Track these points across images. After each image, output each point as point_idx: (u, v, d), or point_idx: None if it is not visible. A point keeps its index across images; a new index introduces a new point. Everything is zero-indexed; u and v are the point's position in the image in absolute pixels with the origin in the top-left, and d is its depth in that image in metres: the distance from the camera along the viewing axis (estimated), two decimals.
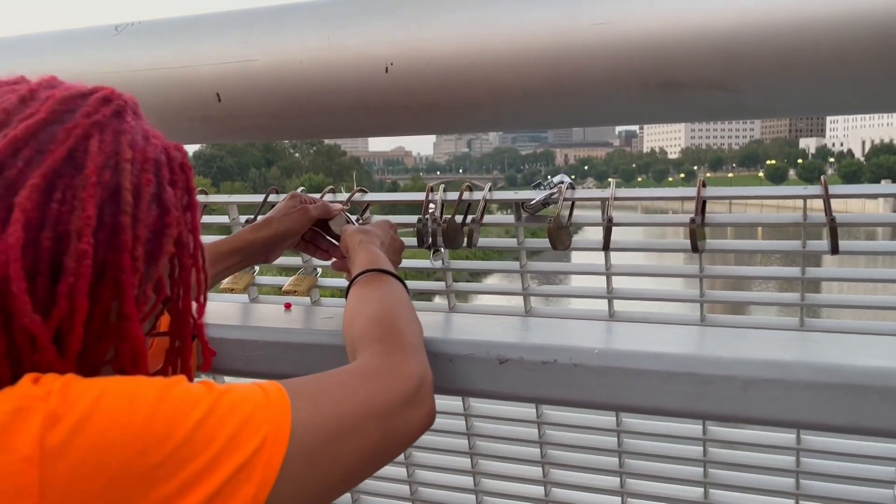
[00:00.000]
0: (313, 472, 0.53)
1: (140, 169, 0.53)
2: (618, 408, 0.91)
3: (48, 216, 0.48)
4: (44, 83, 0.55)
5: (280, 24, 0.89)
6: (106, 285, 0.51)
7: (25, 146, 0.49)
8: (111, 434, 0.44)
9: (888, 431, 0.75)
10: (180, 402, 0.48)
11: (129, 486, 0.44)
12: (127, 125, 0.55)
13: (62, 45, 1.06)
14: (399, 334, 0.71)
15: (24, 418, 0.43)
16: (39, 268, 0.48)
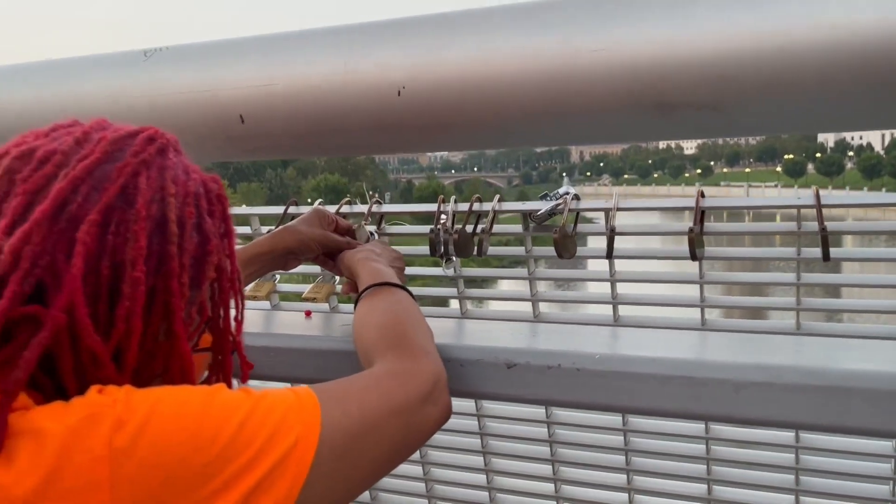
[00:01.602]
0: (341, 466, 0.58)
1: (183, 202, 0.59)
2: (618, 409, 0.96)
3: (106, 248, 0.54)
4: (95, 125, 0.61)
5: (299, 51, 0.95)
6: (157, 308, 0.57)
7: (83, 184, 0.55)
8: (168, 436, 0.50)
9: (870, 431, 0.80)
10: (223, 407, 0.54)
11: (184, 481, 0.50)
12: (170, 162, 0.61)
13: (95, 69, 1.13)
14: (410, 339, 0.77)
15: (95, 423, 0.49)
16: (100, 294, 0.54)
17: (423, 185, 60.07)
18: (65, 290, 0.52)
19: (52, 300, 0.53)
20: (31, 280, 0.52)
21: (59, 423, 0.50)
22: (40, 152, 0.57)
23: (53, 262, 0.53)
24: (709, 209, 1.02)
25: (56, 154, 0.56)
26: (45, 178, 0.55)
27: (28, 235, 0.52)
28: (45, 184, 0.55)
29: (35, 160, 0.56)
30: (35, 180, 0.55)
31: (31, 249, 0.52)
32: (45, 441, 0.49)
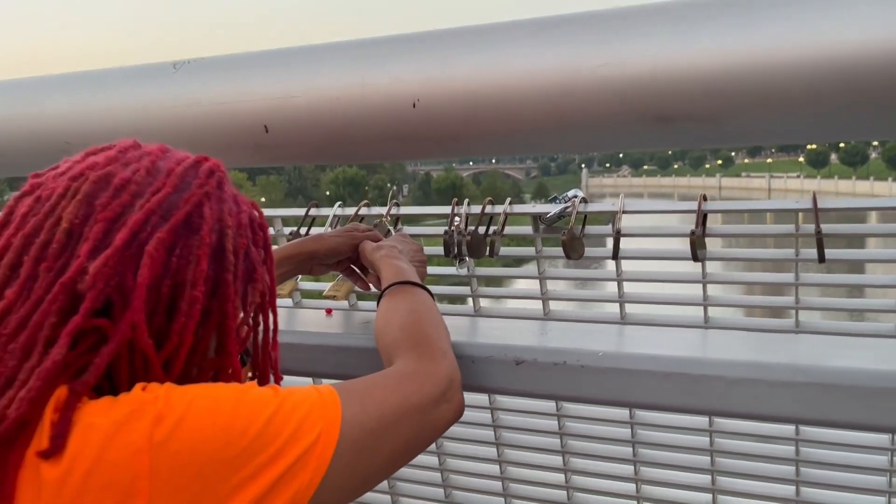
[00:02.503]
0: (359, 460, 0.64)
1: (236, 233, 0.65)
2: (620, 404, 1.01)
3: (169, 269, 0.60)
4: (159, 153, 0.67)
5: (320, 64, 1.00)
6: (209, 327, 0.63)
7: (154, 214, 0.61)
8: (202, 430, 0.56)
9: (855, 425, 0.84)
10: (253, 404, 0.59)
11: (217, 471, 0.55)
12: (226, 194, 0.67)
13: (126, 80, 1.19)
14: (429, 340, 0.82)
15: (138, 418, 0.55)
16: (157, 309, 0.60)
17: (441, 178, 60.13)
18: (132, 308, 0.58)
19: (117, 315, 0.59)
20: (102, 297, 0.58)
21: (106, 417, 0.55)
22: (116, 180, 0.62)
23: (122, 282, 0.59)
24: (711, 212, 1.07)
25: (131, 184, 0.62)
26: (121, 207, 0.61)
27: (108, 260, 0.58)
28: (122, 212, 0.61)
29: (112, 188, 0.62)
30: (113, 208, 0.61)
31: (107, 272, 0.58)
32: (92, 435, 0.54)
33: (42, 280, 0.59)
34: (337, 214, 1.30)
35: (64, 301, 0.58)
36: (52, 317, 0.58)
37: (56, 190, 0.63)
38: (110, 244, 0.59)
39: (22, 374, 0.56)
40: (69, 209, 0.61)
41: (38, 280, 0.59)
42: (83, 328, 0.58)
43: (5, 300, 0.59)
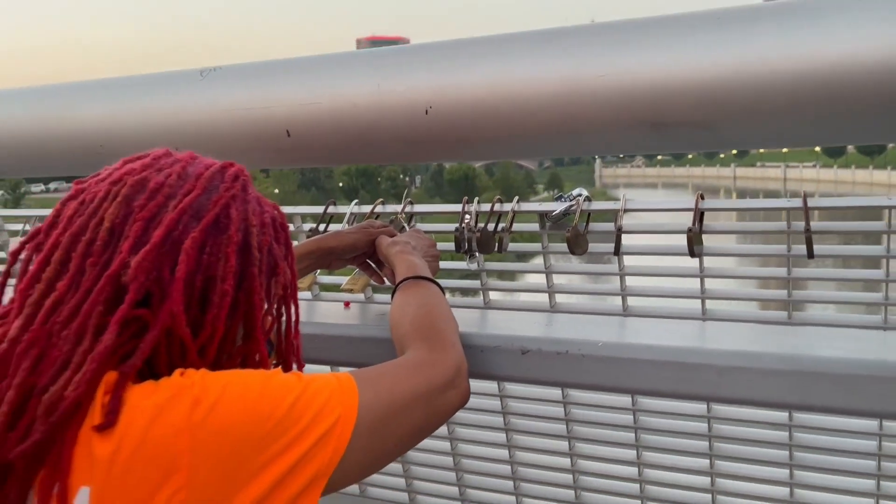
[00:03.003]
0: (374, 441, 0.71)
1: (260, 231, 0.72)
2: (618, 390, 1.07)
3: (201, 265, 0.67)
4: (189, 159, 0.74)
5: (339, 73, 1.07)
6: (238, 317, 0.70)
7: (185, 214, 0.68)
8: (234, 413, 0.63)
9: (842, 410, 0.91)
10: (278, 389, 0.66)
11: (247, 449, 0.62)
12: (250, 196, 0.74)
13: (155, 86, 1.26)
14: (439, 332, 0.89)
15: (178, 401, 0.62)
16: (192, 300, 0.67)
17: (454, 169, 60.01)
18: (171, 298, 0.65)
19: (156, 306, 0.66)
20: (143, 289, 0.66)
21: (149, 400, 0.62)
22: (152, 183, 0.69)
23: (160, 275, 0.66)
24: (708, 210, 1.13)
25: (164, 187, 0.69)
26: (157, 208, 0.68)
27: (148, 255, 0.66)
28: (157, 212, 0.68)
29: (148, 190, 0.69)
30: (150, 209, 0.68)
31: (146, 266, 0.66)
32: (138, 416, 0.61)
33: (89, 274, 0.67)
34: (353, 212, 1.37)
35: (110, 292, 0.65)
36: (99, 306, 0.65)
37: (98, 194, 0.70)
38: (148, 241, 0.67)
39: (76, 358, 0.63)
40: (110, 210, 0.69)
41: (86, 274, 0.67)
42: (128, 317, 0.65)
43: (57, 292, 0.66)
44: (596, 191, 73.72)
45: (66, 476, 0.59)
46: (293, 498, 0.63)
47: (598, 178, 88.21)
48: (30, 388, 0.62)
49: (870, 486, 1.20)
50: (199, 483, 0.59)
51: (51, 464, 0.59)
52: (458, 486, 1.53)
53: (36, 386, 0.62)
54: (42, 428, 0.60)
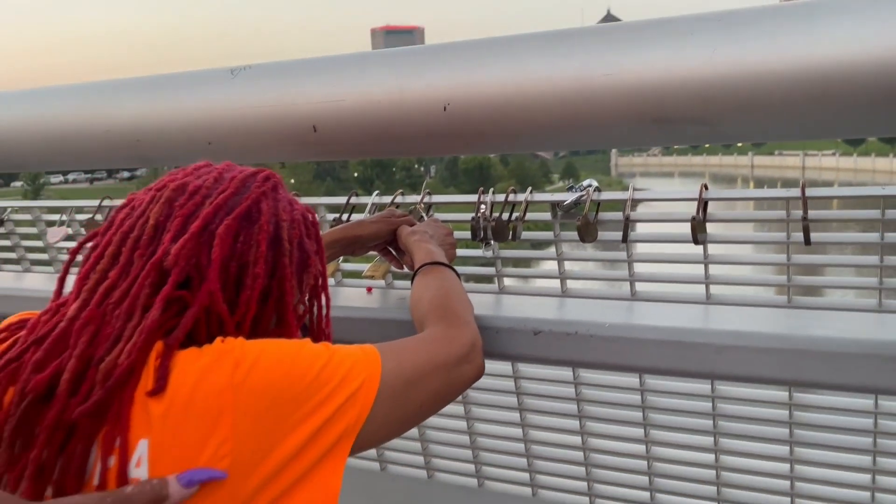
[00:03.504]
0: (396, 405, 0.78)
1: (290, 226, 0.80)
2: (623, 368, 1.14)
3: (234, 253, 0.75)
4: (226, 167, 0.82)
5: (362, 71, 1.14)
6: (271, 303, 0.78)
7: (221, 209, 0.76)
8: (270, 374, 0.70)
9: (838, 386, 0.97)
10: (309, 355, 0.73)
11: (283, 406, 0.70)
12: (280, 196, 0.81)
13: (189, 84, 1.33)
14: (454, 312, 0.96)
15: (221, 364, 0.69)
16: (228, 284, 0.75)
17: (469, 158, 59.91)
18: (208, 280, 0.73)
19: (195, 288, 0.74)
20: (184, 274, 0.73)
21: (195, 364, 0.70)
22: (191, 186, 0.78)
23: (198, 262, 0.74)
24: (712, 200, 1.19)
25: (202, 188, 0.77)
26: (195, 206, 0.76)
27: (186, 243, 0.73)
28: (195, 210, 0.76)
29: (188, 192, 0.77)
30: (188, 207, 0.76)
31: (185, 253, 0.73)
32: (186, 377, 0.69)
33: (137, 263, 0.75)
34: (374, 202, 1.45)
35: (154, 277, 0.73)
36: (146, 289, 0.73)
37: (145, 199, 0.79)
38: (187, 232, 0.75)
39: (127, 332, 0.71)
40: (155, 210, 0.77)
41: (134, 264, 0.75)
42: (171, 297, 0.72)
43: (109, 279, 0.74)
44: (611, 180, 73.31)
45: (126, 430, 0.67)
46: (325, 451, 0.70)
47: (613, 167, 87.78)
48: (88, 359, 0.70)
49: (866, 462, 1.26)
50: (241, 435, 0.67)
51: (111, 421, 0.67)
52: (475, 463, 1.61)
53: (93, 357, 0.70)
54: (100, 391, 0.67)
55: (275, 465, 0.68)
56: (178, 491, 0.64)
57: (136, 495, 0.64)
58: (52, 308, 0.75)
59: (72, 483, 0.67)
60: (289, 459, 0.68)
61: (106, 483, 0.66)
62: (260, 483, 0.67)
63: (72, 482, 0.67)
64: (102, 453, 0.67)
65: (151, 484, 0.64)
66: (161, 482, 0.64)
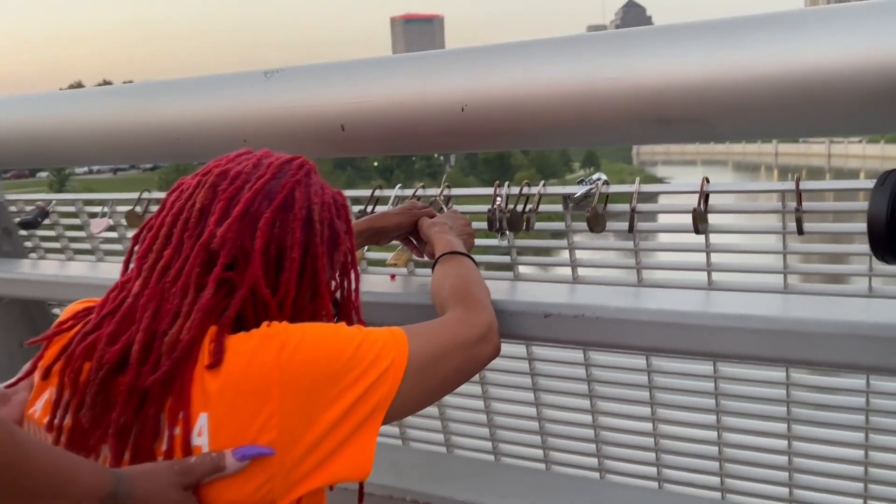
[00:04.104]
0: (421, 380, 0.87)
1: (321, 208, 0.88)
2: (628, 347, 1.23)
3: (273, 238, 0.84)
4: (264, 154, 0.91)
5: (386, 75, 1.24)
6: (306, 280, 0.86)
7: (259, 194, 0.85)
8: (312, 354, 0.79)
9: (830, 363, 1.06)
10: (345, 337, 0.83)
11: (323, 382, 0.79)
12: (313, 181, 0.90)
13: (225, 85, 1.44)
14: (473, 296, 1.06)
15: (268, 345, 0.79)
16: (268, 266, 0.84)
17: None
18: (252, 264, 0.83)
19: (241, 270, 0.83)
20: (230, 256, 0.83)
21: (246, 345, 0.80)
22: (232, 172, 0.87)
23: (242, 245, 0.83)
24: (712, 192, 1.27)
25: (242, 174, 0.87)
26: (236, 190, 0.85)
27: (230, 227, 0.83)
28: (236, 194, 0.85)
29: (229, 177, 0.86)
30: (230, 191, 0.85)
31: (230, 236, 0.83)
32: (238, 358, 0.79)
33: (186, 245, 0.84)
34: (397, 195, 1.54)
35: (203, 257, 0.83)
36: (196, 268, 0.82)
37: (192, 184, 0.89)
38: (230, 216, 0.84)
39: (184, 308, 0.80)
40: (201, 195, 0.86)
41: (184, 244, 0.84)
42: (220, 277, 0.82)
43: (164, 258, 0.84)
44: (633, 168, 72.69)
45: (188, 405, 0.76)
46: (360, 422, 0.80)
47: (635, 156, 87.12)
48: (153, 332, 0.80)
49: (859, 439, 1.34)
50: (287, 409, 0.76)
51: (175, 395, 0.77)
52: (492, 440, 1.71)
53: (157, 330, 0.80)
54: (167, 362, 0.77)
55: (317, 436, 0.77)
56: (233, 463, 0.74)
57: (198, 465, 0.74)
58: (119, 284, 0.86)
59: (146, 443, 0.77)
60: (329, 430, 0.78)
61: (173, 449, 0.76)
62: (304, 451, 0.76)
63: (147, 442, 0.77)
64: (169, 423, 0.77)
65: (211, 456, 0.74)
66: (219, 455, 0.74)
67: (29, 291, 2.02)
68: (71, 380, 0.80)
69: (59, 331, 0.86)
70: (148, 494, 0.72)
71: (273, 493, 0.75)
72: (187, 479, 0.74)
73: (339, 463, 0.78)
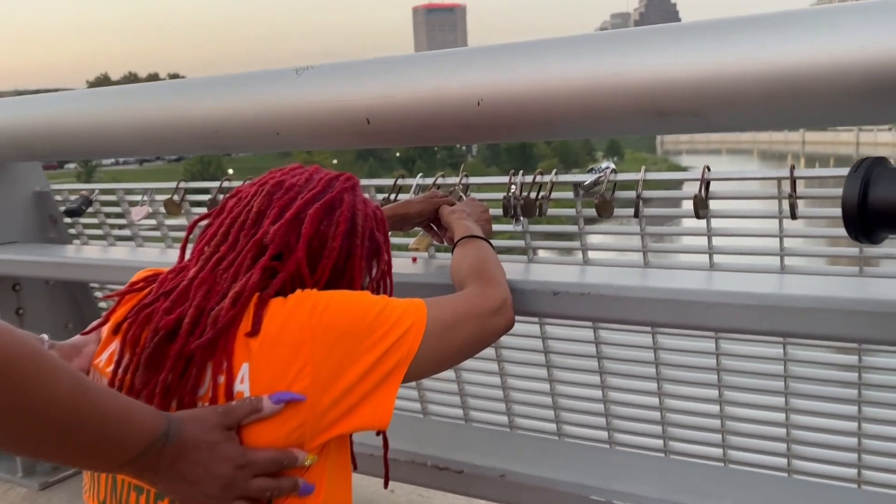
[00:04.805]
0: (439, 344, 0.98)
1: (364, 218, 0.99)
2: (631, 322, 1.32)
3: (318, 232, 0.95)
4: (314, 170, 1.02)
5: (409, 72, 1.33)
6: (345, 277, 0.97)
7: (309, 202, 0.96)
8: (340, 314, 0.90)
9: (812, 335, 1.15)
10: (370, 302, 0.93)
11: (351, 339, 0.89)
12: (357, 194, 1.01)
13: (259, 82, 1.54)
14: (489, 274, 1.16)
15: (302, 307, 0.90)
16: (310, 256, 0.95)
17: None
18: (296, 253, 0.94)
19: (286, 259, 0.94)
20: (278, 249, 0.94)
21: (283, 308, 0.91)
22: (287, 183, 0.98)
23: (289, 242, 0.95)
24: (714, 180, 1.36)
25: (295, 186, 0.98)
26: (289, 199, 0.96)
27: (281, 226, 0.94)
28: (289, 202, 0.96)
29: (284, 188, 0.98)
30: (284, 200, 0.96)
31: (281, 233, 0.94)
32: (276, 317, 0.90)
33: (242, 242, 0.96)
34: (419, 184, 1.65)
35: (255, 251, 0.94)
36: (247, 259, 0.94)
37: (250, 191, 1.01)
38: (282, 217, 0.96)
39: (231, 292, 0.92)
40: (258, 201, 0.98)
41: (240, 241, 0.96)
42: (266, 265, 0.94)
43: (221, 252, 0.96)
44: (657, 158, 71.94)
45: (231, 357, 0.87)
46: (383, 377, 0.90)
47: (658, 145, 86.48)
48: (202, 309, 0.91)
49: (852, 411, 1.43)
50: (317, 361, 0.87)
51: (220, 351, 0.88)
52: (508, 415, 1.82)
53: (206, 308, 0.91)
54: (211, 331, 0.88)
55: (344, 387, 0.88)
56: (270, 406, 0.85)
57: (239, 407, 0.85)
58: (177, 269, 0.98)
59: (189, 399, 0.88)
60: (355, 383, 0.88)
61: (217, 396, 0.87)
62: (333, 400, 0.87)
63: (189, 399, 0.88)
64: (214, 373, 0.88)
65: (251, 400, 0.85)
66: (257, 399, 0.85)
67: (74, 274, 2.16)
68: (131, 343, 0.92)
69: (131, 290, 0.98)
70: (195, 434, 0.82)
71: (304, 437, 0.86)
72: (229, 420, 0.84)
73: (363, 413, 0.89)
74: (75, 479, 2.32)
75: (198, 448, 0.82)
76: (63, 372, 0.72)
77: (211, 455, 0.82)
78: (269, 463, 0.85)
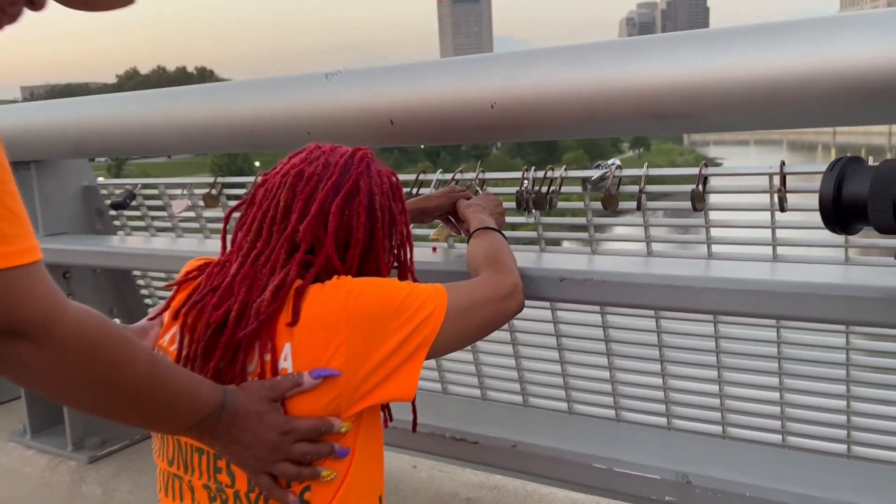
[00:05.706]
0: (457, 326, 1.10)
1: (381, 197, 1.11)
2: (633, 305, 1.44)
3: (342, 223, 1.07)
4: (329, 149, 1.13)
5: (429, 77, 1.46)
6: (371, 259, 1.09)
7: (330, 192, 1.07)
8: (371, 298, 1.02)
9: (803, 318, 1.26)
10: (397, 286, 1.06)
11: (381, 320, 1.02)
12: (373, 171, 1.12)
13: (292, 86, 1.68)
14: (501, 262, 1.28)
15: (337, 292, 1.02)
16: (339, 247, 1.07)
17: None
18: (326, 246, 1.06)
19: (317, 251, 1.06)
20: (309, 245, 1.06)
21: (320, 293, 1.03)
22: (306, 174, 1.08)
23: (318, 235, 1.07)
24: (710, 175, 1.46)
25: (314, 175, 1.08)
26: (311, 190, 1.07)
27: (309, 222, 1.06)
28: (312, 193, 1.07)
29: (304, 179, 1.08)
30: (306, 191, 1.07)
31: (309, 230, 1.06)
32: (315, 301, 1.02)
33: (274, 237, 1.07)
34: (439, 179, 1.77)
35: (287, 247, 1.06)
36: (282, 255, 1.06)
37: (275, 183, 1.11)
38: (308, 213, 1.06)
39: (270, 286, 1.05)
40: (283, 195, 1.09)
41: (273, 237, 1.08)
42: (301, 261, 1.06)
43: (257, 248, 1.08)
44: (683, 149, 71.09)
45: (275, 338, 1.01)
46: (409, 355, 1.03)
47: (686, 137, 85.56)
48: (246, 303, 1.03)
49: (840, 390, 1.53)
50: (352, 341, 1.00)
51: (265, 335, 1.01)
52: (522, 395, 1.94)
53: (250, 301, 1.04)
54: (255, 321, 1.01)
55: (375, 363, 1.00)
56: (309, 381, 0.98)
57: (283, 381, 0.98)
58: (220, 262, 1.11)
59: (240, 379, 1.00)
60: (385, 358, 1.00)
61: (265, 372, 1.00)
62: (365, 374, 1.00)
63: (240, 379, 1.00)
64: (261, 352, 1.00)
65: (293, 375, 0.98)
66: (299, 374, 0.98)
67: (119, 263, 2.32)
68: (189, 329, 1.05)
69: (186, 279, 1.12)
70: (246, 405, 0.96)
71: (340, 407, 0.99)
72: (274, 393, 0.97)
73: (391, 385, 1.02)
74: (122, 454, 2.50)
75: (248, 416, 0.95)
76: (140, 351, 0.85)
77: (259, 423, 0.95)
78: (309, 430, 0.97)
